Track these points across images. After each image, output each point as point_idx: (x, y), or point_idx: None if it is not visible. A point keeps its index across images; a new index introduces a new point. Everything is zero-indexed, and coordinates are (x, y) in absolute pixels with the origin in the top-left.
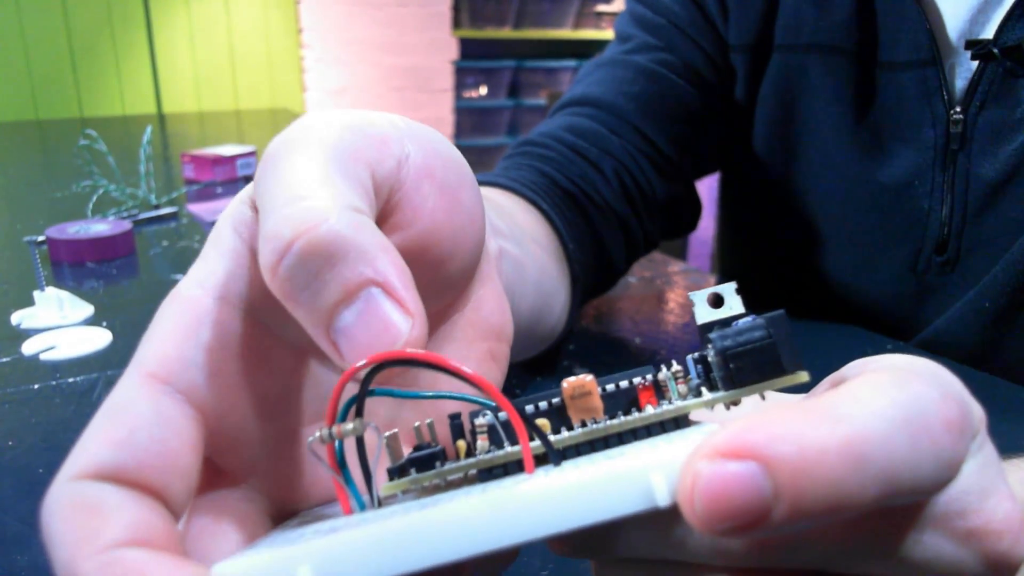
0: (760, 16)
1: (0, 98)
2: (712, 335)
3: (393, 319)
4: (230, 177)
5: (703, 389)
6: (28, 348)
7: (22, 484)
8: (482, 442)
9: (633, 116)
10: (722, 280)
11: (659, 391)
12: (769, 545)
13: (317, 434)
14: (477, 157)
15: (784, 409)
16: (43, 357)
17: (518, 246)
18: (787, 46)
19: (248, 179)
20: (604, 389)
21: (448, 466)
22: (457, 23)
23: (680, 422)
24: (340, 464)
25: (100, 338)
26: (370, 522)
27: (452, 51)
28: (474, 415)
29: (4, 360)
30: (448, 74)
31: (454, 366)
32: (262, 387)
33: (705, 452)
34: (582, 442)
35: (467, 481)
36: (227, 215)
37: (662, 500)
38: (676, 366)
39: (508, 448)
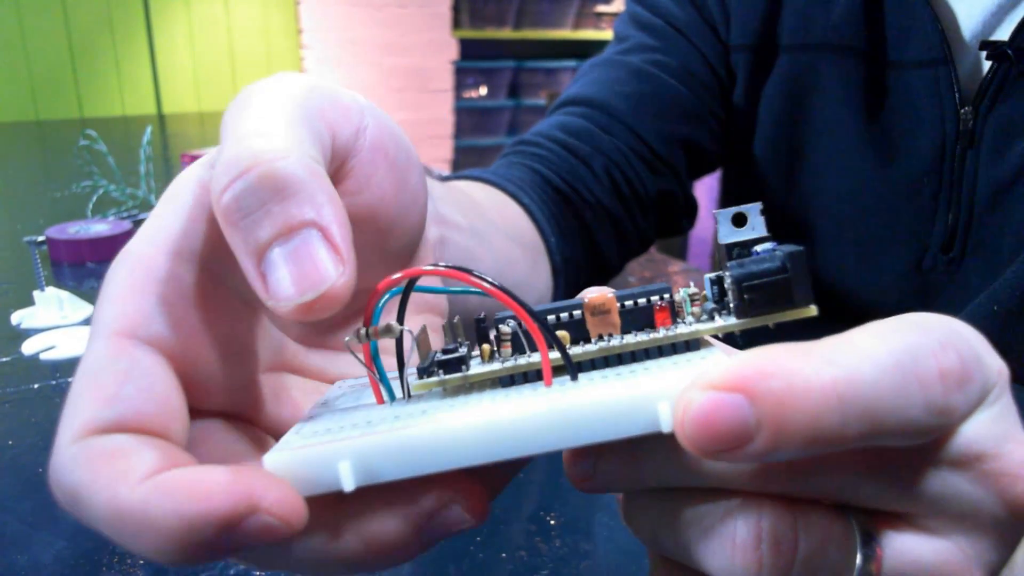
0: (762, 16)
1: (0, 98)
2: (730, 263)
3: (324, 263)
4: None
5: (716, 314)
6: (28, 348)
7: (22, 484)
8: (505, 349)
9: (625, 115)
10: None
11: (675, 311)
12: (785, 471)
13: (354, 333)
14: (477, 157)
15: (784, 349)
16: (43, 357)
17: (475, 237)
18: (796, 46)
19: None
20: (623, 305)
21: (472, 371)
22: (457, 23)
23: (692, 344)
24: (373, 358)
25: None
26: (401, 420)
27: (452, 51)
28: (499, 321)
29: (4, 360)
30: (448, 74)
31: (475, 280)
32: (222, 334)
33: (699, 384)
34: (598, 357)
35: (490, 384)
36: (184, 176)
37: (666, 426)
38: (693, 287)
39: (529, 357)
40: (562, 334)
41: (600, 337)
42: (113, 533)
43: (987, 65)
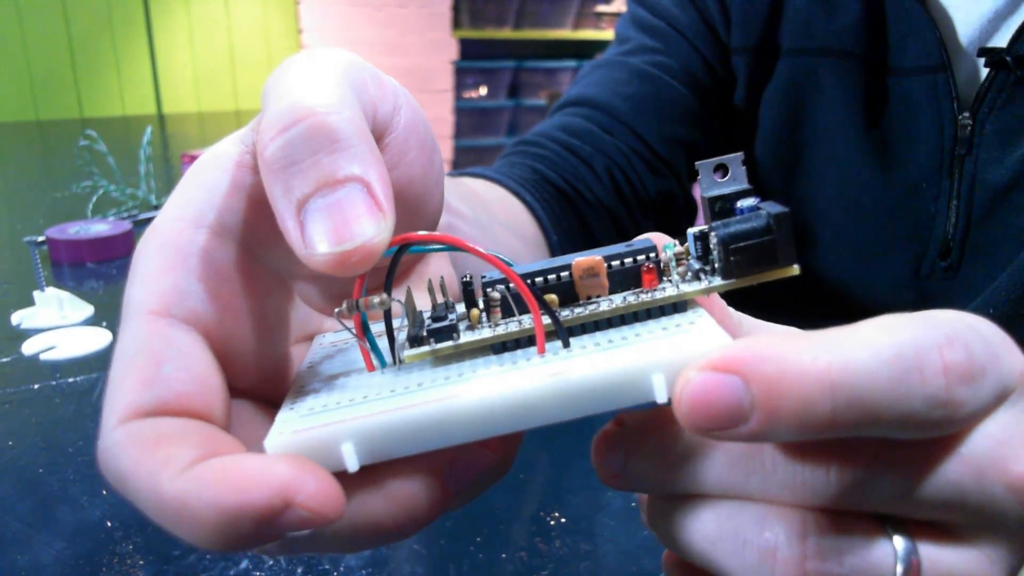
0: (764, 19)
1: (0, 98)
2: (715, 224)
3: (365, 217)
4: None
5: (702, 274)
6: (28, 348)
7: (22, 484)
8: (495, 315)
9: (627, 116)
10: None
11: (660, 271)
12: (819, 482)
13: (344, 304)
14: (477, 157)
15: (785, 334)
16: (43, 357)
17: (479, 228)
18: (797, 50)
19: None
20: (610, 266)
21: (463, 339)
22: (457, 23)
23: (679, 306)
24: (364, 328)
25: (100, 338)
26: (398, 396)
27: (452, 51)
28: (487, 285)
29: (4, 360)
30: (448, 74)
31: (470, 246)
32: (255, 310)
33: (698, 365)
34: (588, 322)
35: (481, 350)
36: (211, 152)
37: (660, 398)
38: (677, 246)
39: (520, 323)
40: (551, 297)
41: (588, 299)
42: (158, 520)
43: (985, 72)
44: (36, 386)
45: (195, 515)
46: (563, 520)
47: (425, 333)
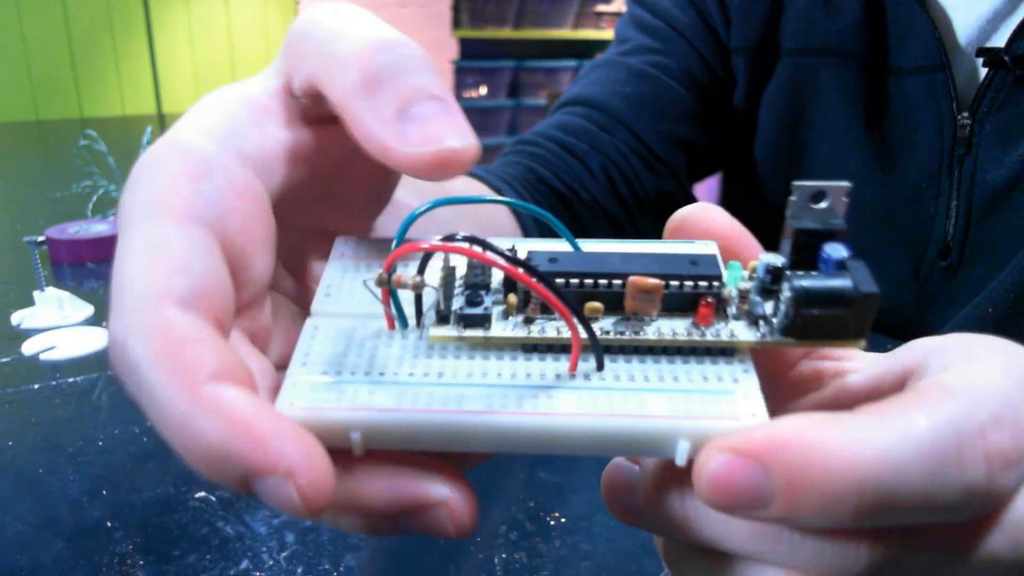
0: (764, 20)
1: (0, 98)
2: (794, 274)
3: (462, 128)
4: None
5: (761, 321)
6: (28, 348)
7: (22, 484)
8: (533, 311)
9: (624, 115)
10: None
11: (719, 303)
12: (835, 549)
13: (376, 277)
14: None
15: (817, 418)
16: (43, 357)
17: (435, 222)
18: (797, 50)
19: None
20: (668, 286)
21: (494, 332)
22: (457, 23)
23: (727, 350)
24: (392, 294)
25: (100, 338)
26: (415, 385)
27: (452, 51)
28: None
29: (4, 360)
30: (448, 74)
31: (490, 259)
32: (267, 247)
33: (720, 444)
34: (628, 344)
35: (510, 344)
36: (231, 91)
37: (680, 461)
38: (744, 279)
39: (558, 332)
40: (594, 306)
41: (636, 314)
42: (155, 419)
43: (984, 71)
44: (36, 386)
45: (196, 437)
46: (563, 520)
47: (455, 316)
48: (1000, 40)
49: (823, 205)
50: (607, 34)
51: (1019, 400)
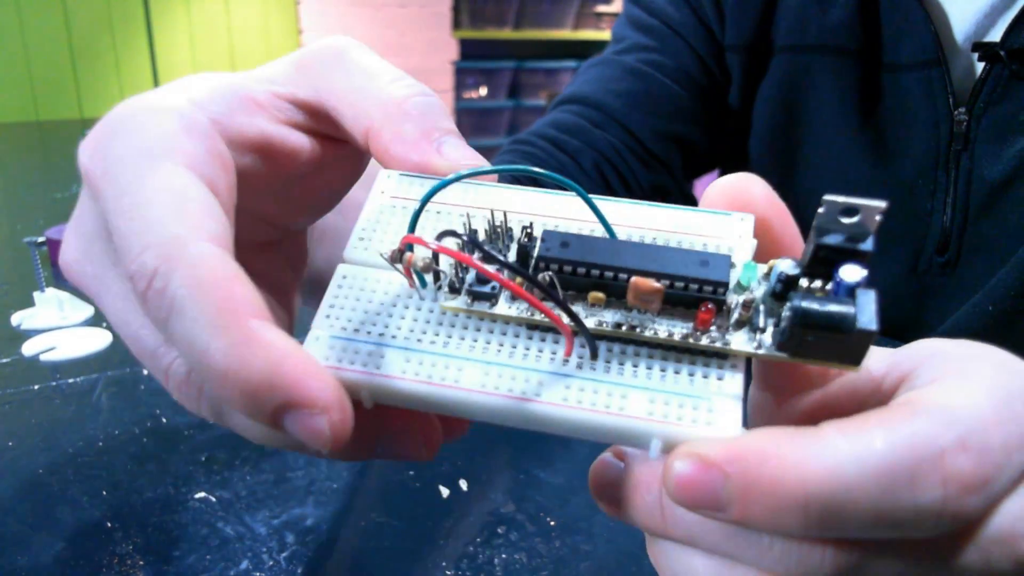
0: (758, 17)
1: (0, 98)
2: (799, 295)
3: (475, 155)
4: None
5: (758, 333)
6: (28, 349)
7: (22, 484)
8: (537, 294)
9: (619, 112)
10: None
11: (720, 308)
12: (825, 558)
13: (389, 253)
14: None
15: (781, 433)
16: (43, 358)
17: None
18: (791, 47)
19: None
20: (672, 286)
21: (499, 310)
22: (457, 24)
23: (720, 355)
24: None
25: (100, 339)
26: (420, 352)
27: (452, 52)
28: (540, 260)
29: (4, 361)
30: (448, 75)
31: (481, 267)
32: (231, 206)
33: (687, 450)
34: (624, 337)
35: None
36: (216, 78)
37: (653, 455)
38: (757, 283)
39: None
40: (598, 296)
41: (634, 309)
42: (195, 354)
43: (980, 67)
44: (36, 387)
45: (240, 368)
46: (563, 520)
47: (465, 290)
48: (997, 35)
49: (854, 220)
50: (607, 35)
51: (992, 423)
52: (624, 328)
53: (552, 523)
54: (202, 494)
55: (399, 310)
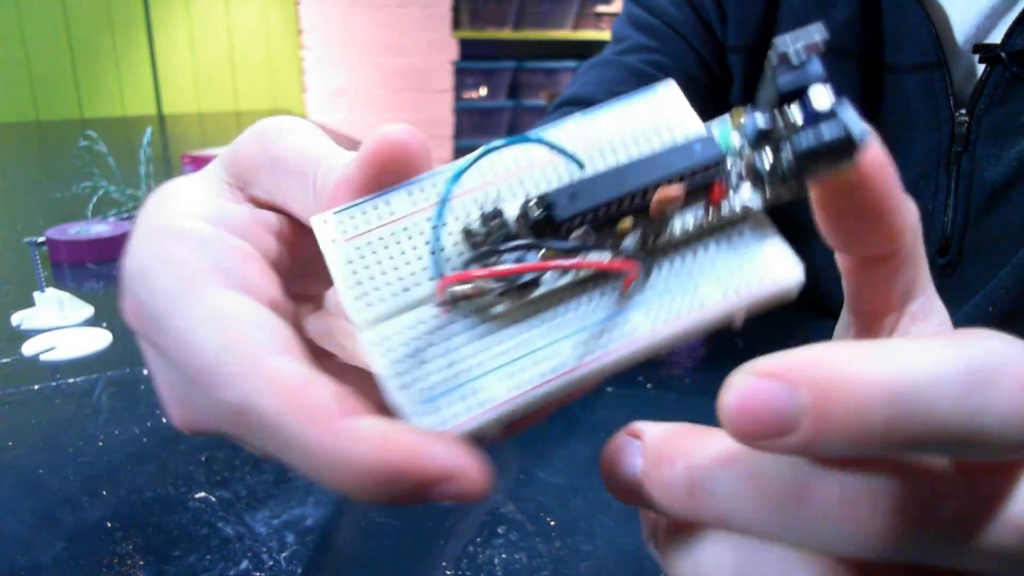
0: (760, 18)
1: (0, 98)
2: (790, 144)
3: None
4: None
5: (764, 182)
6: (28, 349)
7: (22, 485)
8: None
9: None
10: None
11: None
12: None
13: (442, 302)
14: None
15: (842, 344)
16: (43, 358)
17: None
18: None
19: None
20: (683, 180)
21: (546, 289)
22: (457, 24)
23: (740, 220)
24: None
25: (100, 339)
26: (511, 367)
27: (452, 52)
28: (570, 232)
29: (4, 361)
30: (448, 75)
31: (535, 265)
32: (276, 284)
33: (745, 370)
34: (659, 248)
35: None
36: (178, 182)
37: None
38: (737, 141)
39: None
40: (626, 225)
41: (660, 216)
42: (309, 467)
43: (981, 68)
44: (36, 387)
45: (351, 467)
46: (563, 520)
47: (507, 290)
48: (998, 37)
49: (801, 57)
50: (607, 35)
51: None
52: (650, 241)
53: (552, 523)
54: (202, 494)
55: (453, 341)
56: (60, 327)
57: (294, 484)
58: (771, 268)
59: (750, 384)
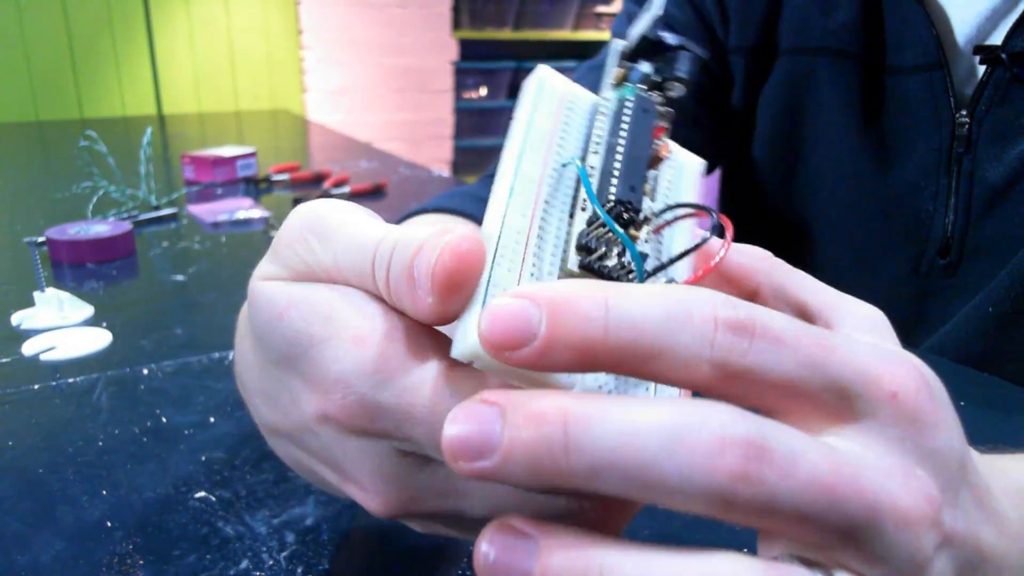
0: (762, 19)
1: (0, 98)
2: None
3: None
4: (230, 178)
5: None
6: (28, 349)
7: (22, 484)
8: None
9: None
10: None
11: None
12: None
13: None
14: (477, 158)
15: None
16: (43, 358)
17: None
18: (795, 49)
19: (248, 180)
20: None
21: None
22: (457, 24)
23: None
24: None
25: (100, 339)
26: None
27: (452, 52)
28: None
29: (4, 361)
30: (448, 75)
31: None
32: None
33: (501, 295)
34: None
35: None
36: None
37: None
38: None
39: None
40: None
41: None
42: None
43: (981, 70)
44: (36, 386)
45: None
46: None
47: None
48: (998, 38)
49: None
50: (607, 35)
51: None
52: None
53: None
54: (202, 493)
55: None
56: (60, 327)
57: (294, 484)
58: (689, 160)
59: (502, 303)
